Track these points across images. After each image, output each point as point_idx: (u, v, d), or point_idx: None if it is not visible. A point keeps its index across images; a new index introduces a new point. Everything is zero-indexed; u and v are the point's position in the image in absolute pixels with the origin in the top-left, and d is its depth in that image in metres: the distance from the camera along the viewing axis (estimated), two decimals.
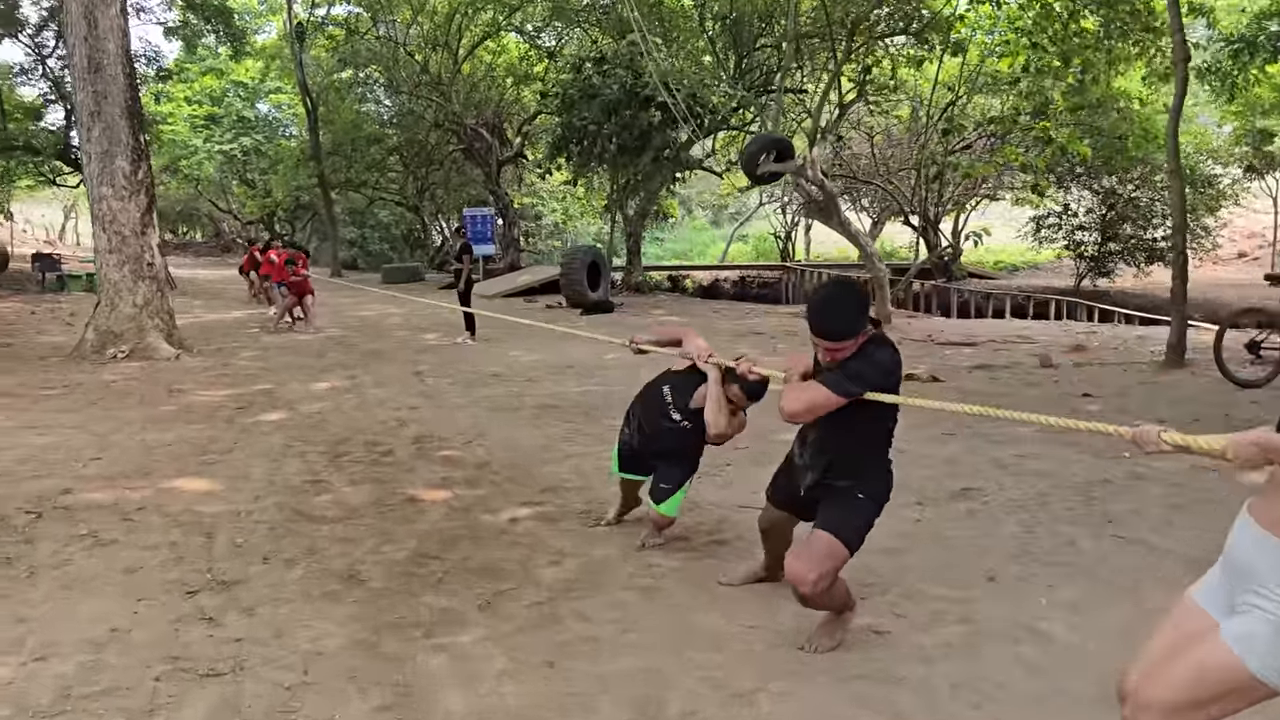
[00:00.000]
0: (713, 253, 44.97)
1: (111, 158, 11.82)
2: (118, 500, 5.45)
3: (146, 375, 10.36)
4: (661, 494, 4.55)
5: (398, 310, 19.24)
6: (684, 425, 4.46)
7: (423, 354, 12.46)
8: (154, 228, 12.40)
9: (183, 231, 62.25)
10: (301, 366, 11.19)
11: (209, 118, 40.41)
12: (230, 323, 16.80)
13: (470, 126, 26.46)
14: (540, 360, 11.61)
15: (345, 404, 8.66)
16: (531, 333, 14.75)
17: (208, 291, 24.91)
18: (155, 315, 12.12)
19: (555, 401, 8.73)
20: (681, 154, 18.40)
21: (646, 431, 4.63)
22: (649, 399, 4.67)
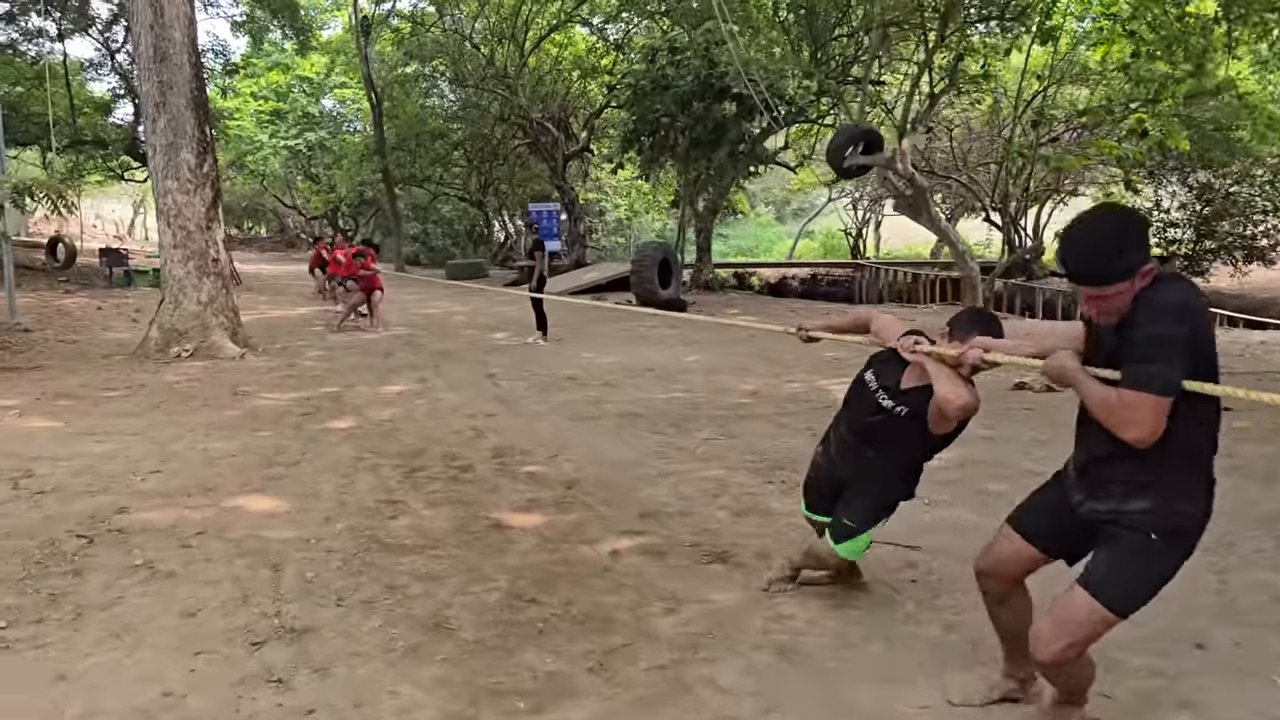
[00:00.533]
0: (779, 249, 44.09)
1: (176, 150, 11.47)
2: (176, 522, 4.94)
3: (210, 376, 9.96)
4: (843, 532, 3.67)
5: (463, 308, 18.80)
6: (899, 411, 3.49)
7: (493, 355, 11.94)
8: (219, 222, 12.03)
9: (248, 227, 62.95)
10: (369, 368, 10.72)
11: (274, 113, 40.52)
12: (295, 320, 16.48)
13: (536, 120, 25.97)
14: (617, 363, 11.00)
15: (417, 410, 8.13)
16: (604, 333, 14.19)
17: (272, 287, 24.76)
18: (220, 313, 11.75)
19: (639, 409, 8.11)
20: (757, 147, 17.67)
21: (850, 439, 3.70)
22: (854, 398, 3.76)
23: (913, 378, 3.49)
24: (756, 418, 7.72)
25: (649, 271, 18.13)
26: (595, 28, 27.26)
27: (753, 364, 10.87)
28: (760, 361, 11.09)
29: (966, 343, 3.22)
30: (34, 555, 4.40)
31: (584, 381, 9.63)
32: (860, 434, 3.66)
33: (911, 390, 3.48)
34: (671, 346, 12.68)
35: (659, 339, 13.60)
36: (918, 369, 3.43)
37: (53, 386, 9.14)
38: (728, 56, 16.25)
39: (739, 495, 5.47)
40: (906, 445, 3.57)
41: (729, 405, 8.28)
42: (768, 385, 9.33)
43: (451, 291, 22.59)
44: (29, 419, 7.61)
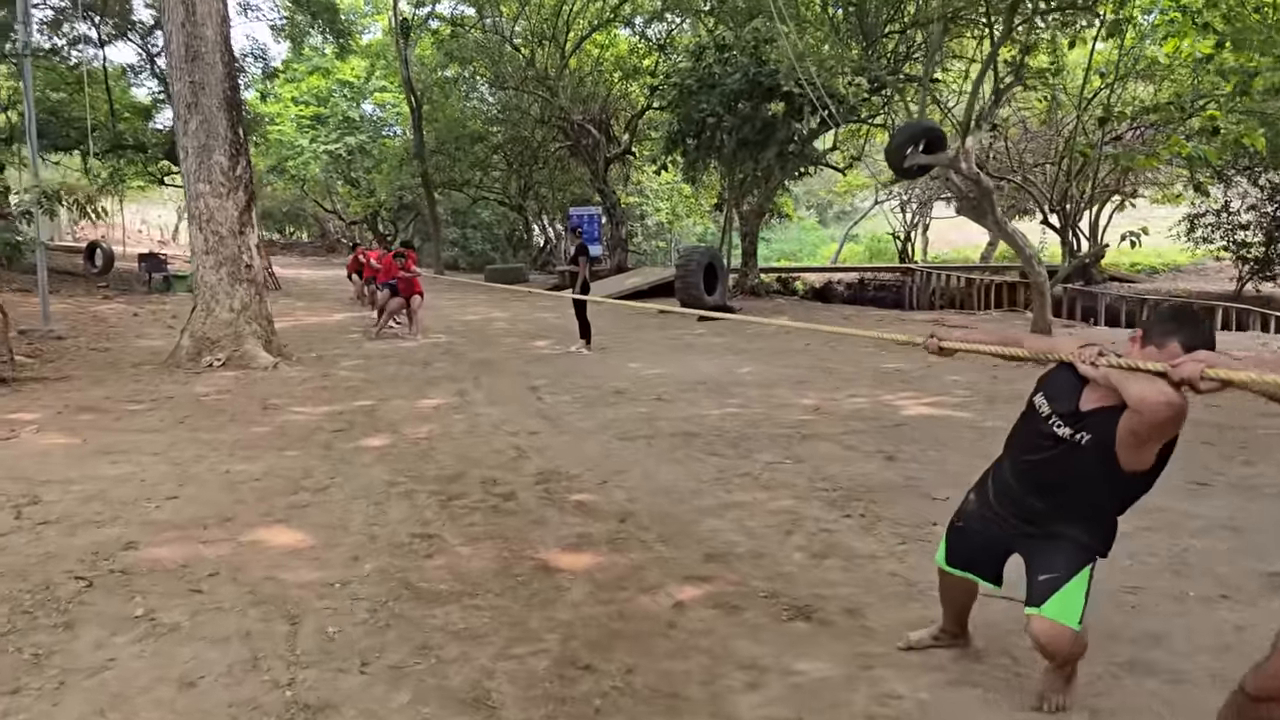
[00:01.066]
0: (823, 253, 43.28)
1: (209, 152, 11.06)
2: (188, 560, 4.43)
3: (241, 387, 9.51)
4: (1042, 589, 2.87)
5: (503, 314, 18.32)
6: (1079, 439, 2.80)
7: (535, 365, 11.40)
8: (253, 227, 11.62)
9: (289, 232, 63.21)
10: (406, 378, 10.23)
11: (315, 118, 40.48)
12: (332, 326, 16.07)
13: (577, 122, 25.47)
14: (665, 375, 10.41)
15: (455, 427, 7.59)
16: (649, 341, 13.62)
17: (310, 293, 24.48)
18: (253, 320, 11.33)
19: (694, 428, 7.51)
20: (806, 148, 17.02)
21: (1016, 485, 3.00)
22: (1021, 430, 3.07)
23: (1095, 397, 2.78)
24: (821, 438, 7.09)
25: (694, 276, 17.52)
26: (637, 28, 26.73)
27: (810, 376, 10.23)
28: (817, 373, 10.45)
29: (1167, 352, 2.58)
30: (24, 602, 3.89)
31: (633, 395, 9.05)
32: (1030, 475, 2.95)
33: (1095, 412, 2.77)
34: (721, 356, 12.07)
35: (706, 348, 12.99)
36: (1102, 387, 2.74)
37: (77, 398, 8.74)
38: (777, 54, 15.63)
39: (815, 532, 4.85)
40: (1091, 487, 2.84)
41: (790, 423, 7.65)
42: (829, 400, 8.69)
43: (491, 296, 22.15)
44: (46, 435, 7.17)
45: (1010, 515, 3.05)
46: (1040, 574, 2.92)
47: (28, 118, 13.49)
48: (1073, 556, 2.90)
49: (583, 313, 12.28)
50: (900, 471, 6.04)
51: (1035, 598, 2.91)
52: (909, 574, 4.24)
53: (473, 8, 27.38)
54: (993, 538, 3.15)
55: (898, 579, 4.19)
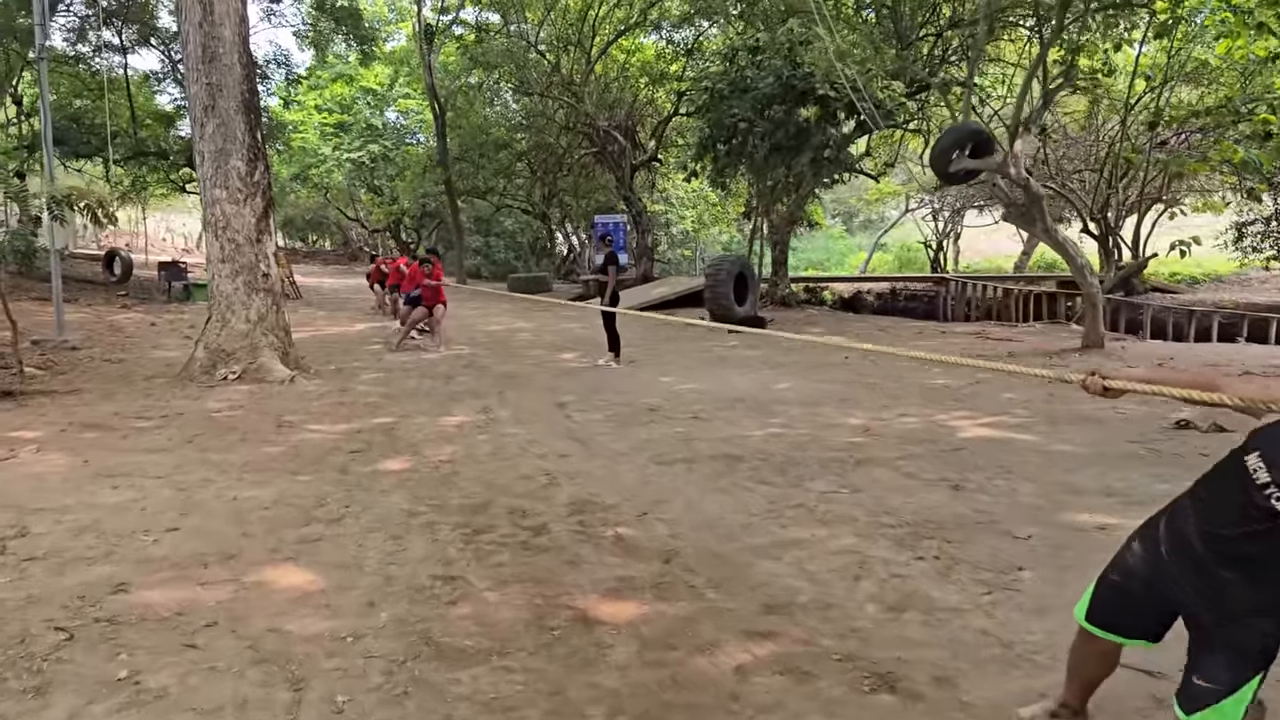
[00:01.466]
0: (851, 262, 42.62)
1: (226, 157, 10.66)
2: (184, 606, 3.95)
3: (255, 403, 9.07)
4: (1197, 696, 2.40)
5: (527, 324, 17.86)
6: None
7: (563, 379, 10.90)
8: (270, 234, 11.20)
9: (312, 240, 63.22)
10: (428, 394, 9.75)
11: (338, 125, 40.31)
12: (352, 337, 15.66)
13: (603, 129, 25.03)
14: (700, 390, 9.88)
15: (480, 448, 7.10)
16: (680, 354, 13.09)
17: (332, 301, 24.14)
18: (270, 331, 10.90)
19: (736, 450, 6.97)
20: (841, 153, 16.47)
21: (1206, 553, 2.43)
22: (1219, 490, 2.45)
23: None
24: (876, 463, 6.54)
25: (724, 286, 16.99)
26: (664, 33, 26.26)
27: (853, 392, 9.67)
28: (860, 389, 9.89)
29: None
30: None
31: (668, 414, 8.53)
32: (1226, 548, 2.38)
33: None
34: (756, 370, 11.53)
35: (741, 361, 12.46)
36: None
37: (84, 414, 8.32)
38: (812, 56, 15.11)
39: (886, 578, 4.31)
40: None
41: (839, 445, 7.11)
42: (877, 420, 8.14)
43: (515, 306, 21.72)
44: (47, 454, 6.74)
45: (1188, 581, 2.48)
46: (1201, 675, 2.41)
47: (44, 122, 13.16)
48: (1246, 661, 2.36)
49: (612, 325, 11.79)
50: (969, 503, 5.49)
51: (1188, 700, 2.41)
52: (1002, 633, 3.69)
53: (497, 14, 27.06)
54: (1159, 597, 2.59)
55: (990, 639, 3.65)
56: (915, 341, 14.49)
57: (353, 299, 24.77)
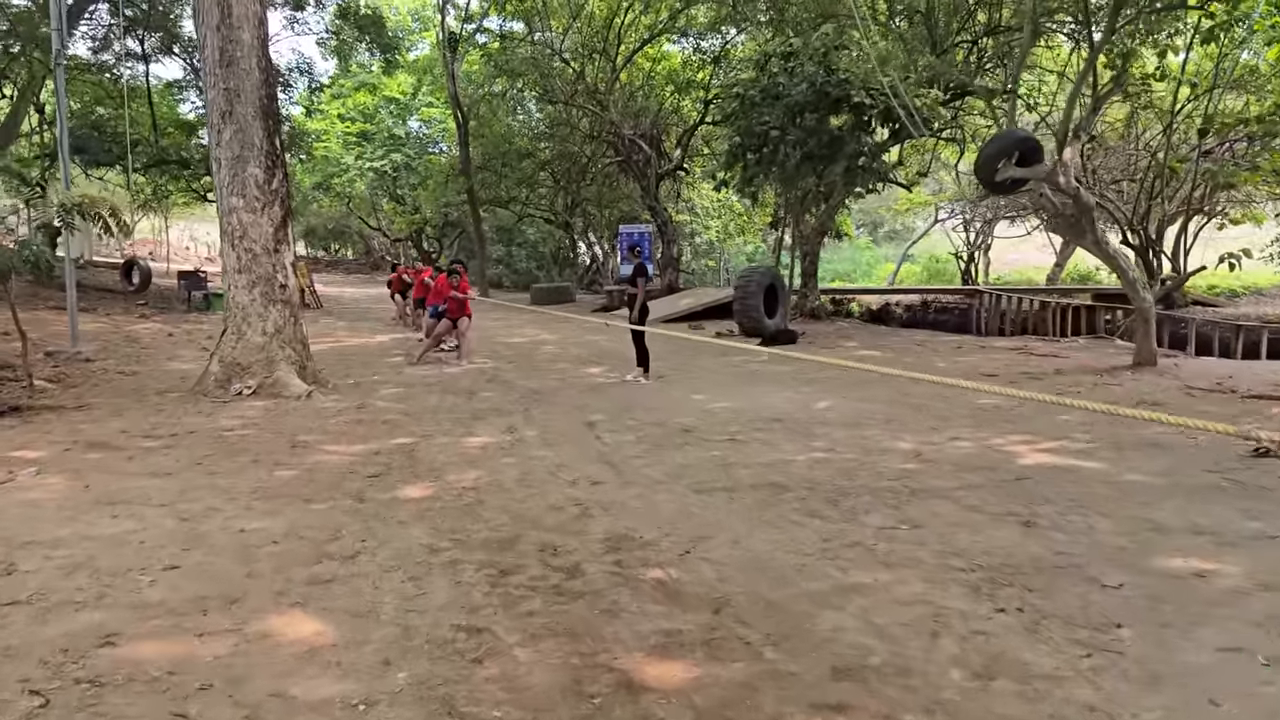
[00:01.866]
0: (878, 274, 42.00)
1: (243, 164, 10.30)
2: (177, 664, 3.51)
3: (269, 420, 8.66)
4: None
5: (551, 336, 17.43)
6: None
7: (590, 396, 10.45)
8: (288, 244, 10.82)
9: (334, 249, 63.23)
10: (450, 411, 9.32)
11: (361, 134, 40.16)
12: (373, 349, 15.27)
13: (628, 137, 24.62)
14: (735, 409, 9.40)
15: (506, 473, 6.65)
16: (710, 369, 12.62)
17: (352, 311, 23.82)
18: (287, 344, 10.51)
19: (779, 477, 6.49)
20: (876, 162, 15.95)
21: None
22: None
23: None
24: (934, 494, 6.04)
25: (754, 299, 16.50)
26: (691, 40, 25.84)
27: (898, 413, 9.16)
28: (905, 409, 9.38)
29: None
30: None
31: (703, 435, 8.05)
32: None
33: None
34: (792, 387, 11.04)
35: (774, 377, 11.96)
36: None
37: (90, 432, 7.94)
38: (848, 62, 14.64)
39: (966, 635, 3.81)
40: None
41: (891, 473, 6.61)
42: (928, 445, 7.63)
43: (537, 317, 21.31)
44: (47, 478, 6.34)
45: None
46: None
47: (60, 128, 12.87)
48: None
49: (641, 339, 11.33)
50: (1045, 543, 4.98)
51: None
52: (1113, 708, 3.19)
53: (522, 22, 26.76)
54: None
55: (1100, 716, 3.15)
56: (956, 358, 13.91)
57: (374, 309, 24.45)
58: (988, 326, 21.69)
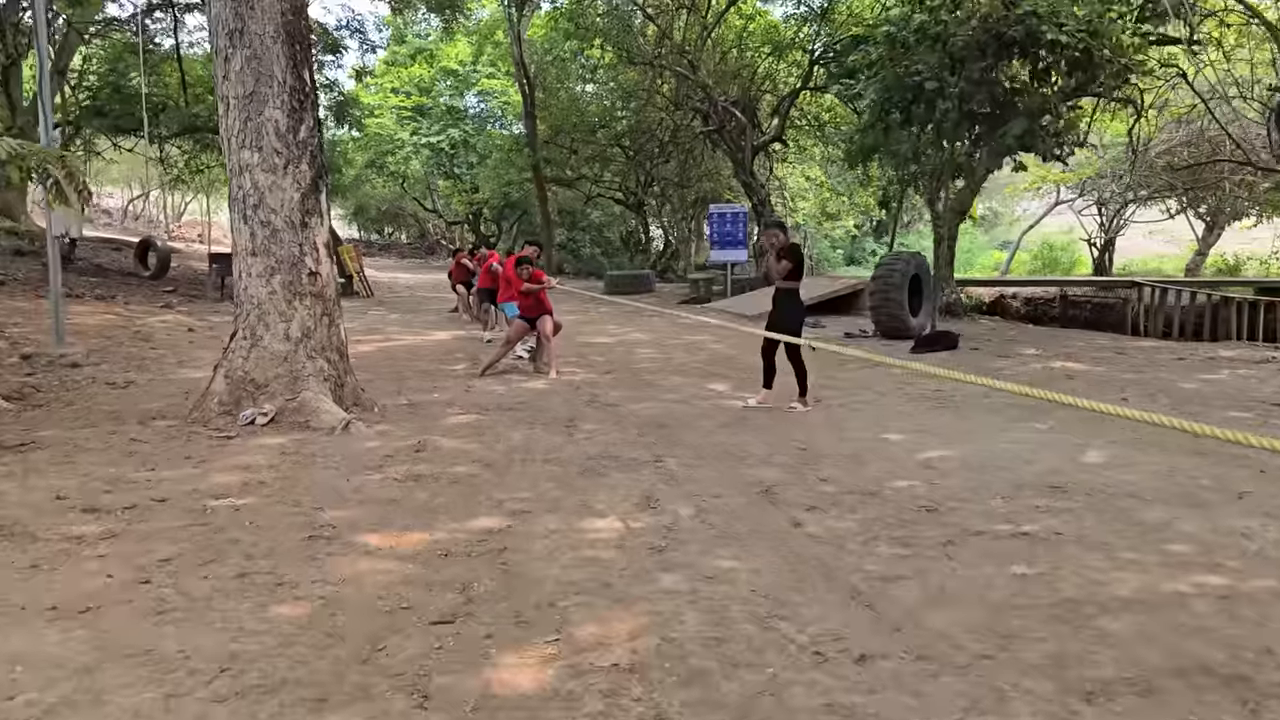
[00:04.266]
0: (981, 262, 38.40)
1: (259, 104, 7.45)
2: None
3: (284, 474, 5.80)
4: None
5: (644, 335, 14.48)
6: None
7: (736, 431, 7.45)
8: (321, 216, 7.94)
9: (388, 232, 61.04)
10: (547, 457, 6.40)
11: (416, 109, 37.52)
12: (431, 351, 12.42)
13: (721, 104, 21.51)
14: (967, 463, 6.35)
15: (680, 625, 3.67)
16: (877, 393, 9.56)
17: (406, 302, 21.09)
18: (318, 353, 7.66)
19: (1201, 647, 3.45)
20: (1065, 120, 12.67)
21: None
22: None
23: None
24: None
25: (898, 293, 13.39)
26: None
27: (1229, 476, 6.03)
28: (1230, 467, 6.24)
29: None
30: None
31: (961, 520, 5.00)
32: None
33: None
34: (1015, 420, 7.93)
35: (972, 404, 8.86)
36: None
37: (10, 498, 5.14)
38: None
39: None
40: None
41: None
42: None
43: (618, 309, 18.35)
44: None
45: None
46: None
47: (40, 72, 10.15)
48: None
49: (797, 355, 8.31)
50: None
51: None
52: None
53: None
54: None
55: None
56: (1202, 374, 10.64)
57: (430, 299, 21.71)
58: (1151, 325, 18.28)
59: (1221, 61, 17.46)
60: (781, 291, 8.48)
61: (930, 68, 12.46)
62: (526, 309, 10.20)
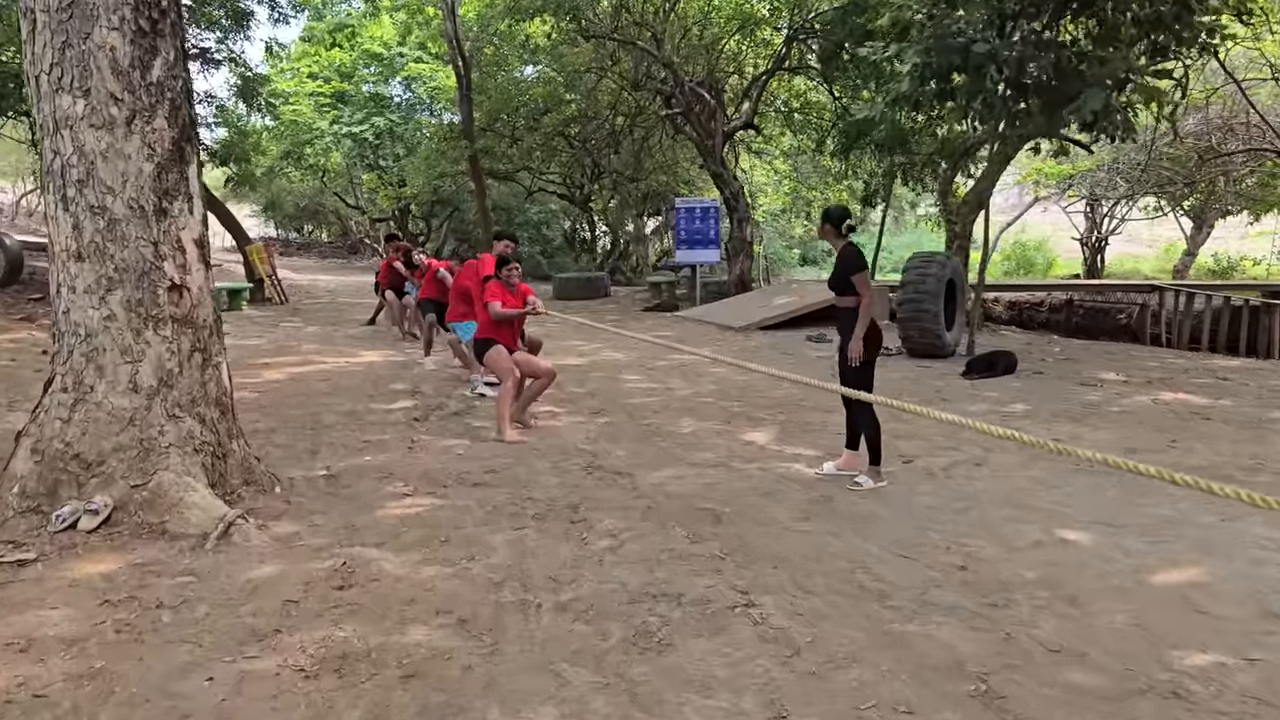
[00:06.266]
0: None
1: (85, 20, 4.74)
2: None
3: (93, 672, 3.11)
4: None
5: (621, 356, 11.91)
6: None
7: (828, 523, 4.94)
8: (191, 200, 5.20)
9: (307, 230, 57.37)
10: (564, 601, 3.82)
11: (337, 95, 34.28)
12: (360, 378, 9.67)
13: (687, 84, 18.97)
14: (1210, 584, 3.95)
15: None
16: (963, 439, 7.15)
17: (328, 309, 18.17)
18: (186, 410, 4.99)
19: None
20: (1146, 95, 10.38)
21: None
22: None
23: None
24: None
25: (932, 302, 11.05)
26: None
27: None
28: None
29: None
30: None
31: None
32: None
33: None
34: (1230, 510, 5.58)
35: None
36: None
37: None
38: None
39: None
40: None
41: None
42: None
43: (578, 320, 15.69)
44: None
45: None
46: None
47: None
48: None
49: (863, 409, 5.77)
50: None
51: None
52: None
53: None
54: None
55: None
56: None
57: (355, 305, 18.83)
58: (1180, 335, 16.32)
59: (1252, 40, 15.62)
60: (842, 313, 5.97)
61: (975, 27, 10.13)
62: (504, 335, 7.28)
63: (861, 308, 5.73)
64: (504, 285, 7.16)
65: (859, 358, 5.70)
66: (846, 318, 5.88)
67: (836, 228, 5.95)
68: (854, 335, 5.72)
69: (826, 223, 5.91)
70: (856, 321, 5.74)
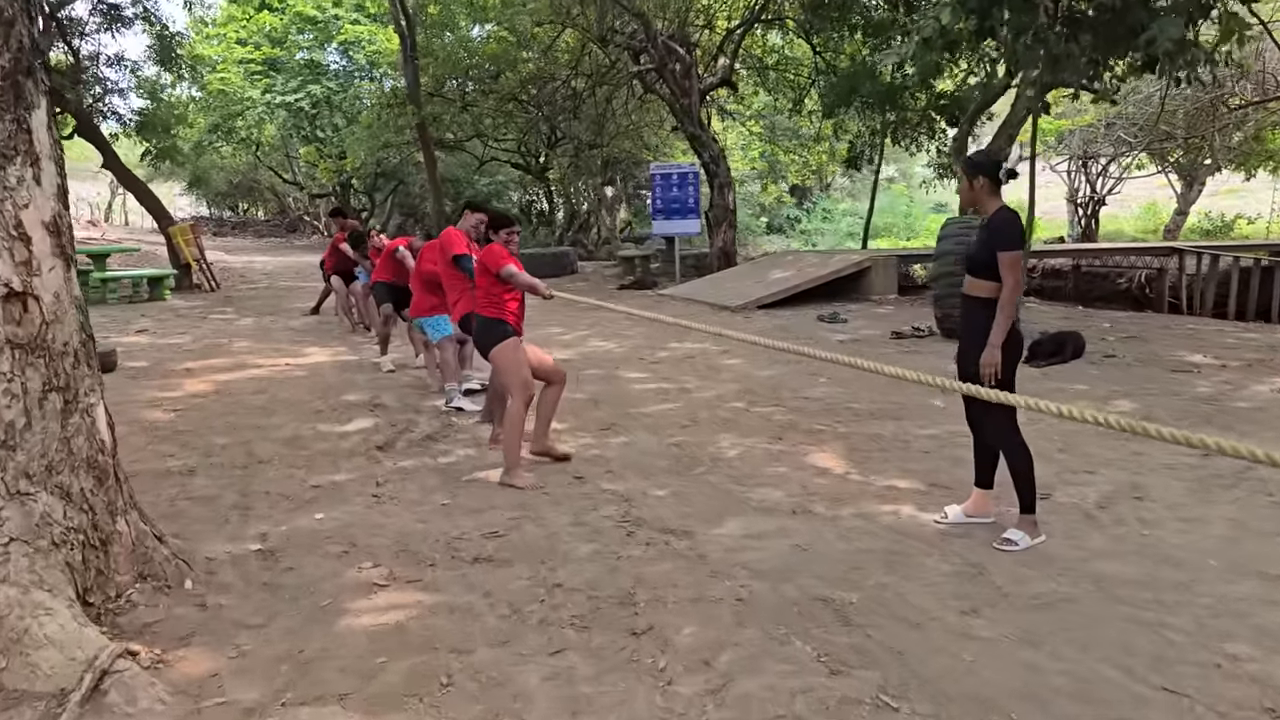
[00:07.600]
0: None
1: None
2: None
3: None
4: None
5: (614, 346, 10.24)
6: None
7: (972, 620, 3.37)
8: (37, 164, 3.42)
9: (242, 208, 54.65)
10: None
11: (268, 62, 31.89)
12: (304, 390, 7.88)
13: (663, 39, 17.19)
14: None
15: None
16: (1082, 452, 5.60)
17: (264, 296, 16.23)
18: (41, 483, 3.24)
19: None
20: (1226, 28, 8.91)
21: None
22: None
23: None
24: None
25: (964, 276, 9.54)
26: None
27: None
28: None
29: None
30: None
31: None
32: None
33: None
34: None
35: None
36: None
37: None
38: None
39: None
40: None
41: None
42: None
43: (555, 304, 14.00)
44: None
45: None
46: None
47: None
48: None
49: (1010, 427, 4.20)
50: None
51: None
52: None
53: None
54: None
55: None
56: None
57: (295, 290, 16.91)
58: (1203, 299, 15.05)
59: None
60: (968, 303, 4.37)
61: None
62: (515, 316, 5.45)
63: (1002, 298, 4.14)
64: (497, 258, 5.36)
65: (996, 370, 4.10)
66: (973, 311, 4.28)
67: (993, 181, 4.26)
68: (990, 340, 4.12)
69: (978, 175, 4.24)
70: (989, 318, 4.15)
